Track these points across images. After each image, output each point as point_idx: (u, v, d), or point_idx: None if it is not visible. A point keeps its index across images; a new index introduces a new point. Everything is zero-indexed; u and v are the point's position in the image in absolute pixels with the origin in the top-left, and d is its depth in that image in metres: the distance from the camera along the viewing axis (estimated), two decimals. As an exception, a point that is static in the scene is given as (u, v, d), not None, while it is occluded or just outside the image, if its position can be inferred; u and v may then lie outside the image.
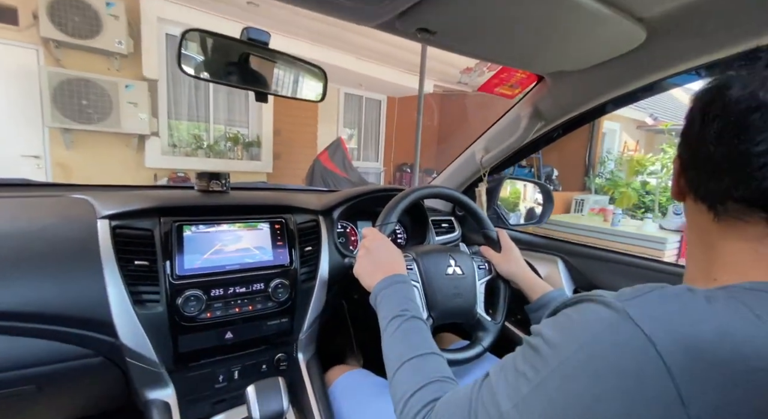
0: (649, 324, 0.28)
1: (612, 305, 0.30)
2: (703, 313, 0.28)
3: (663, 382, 0.26)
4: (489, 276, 0.88)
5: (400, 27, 0.62)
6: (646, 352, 0.27)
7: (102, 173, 3.87)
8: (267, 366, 0.84)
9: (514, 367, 0.34)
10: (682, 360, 0.26)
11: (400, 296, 0.62)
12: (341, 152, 5.12)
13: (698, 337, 0.26)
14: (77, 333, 0.64)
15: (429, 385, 0.47)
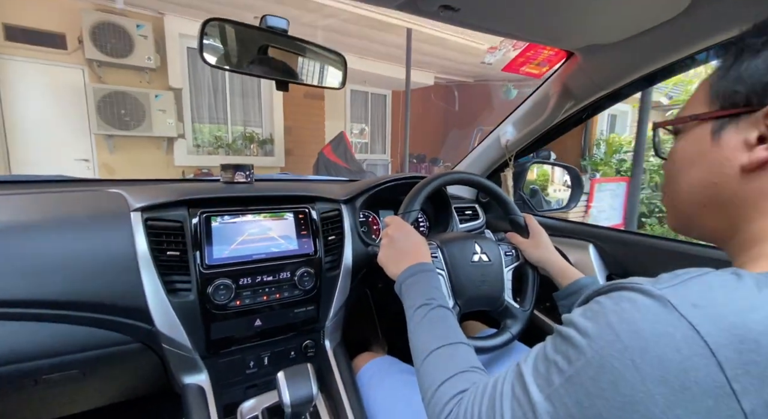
0: (693, 312, 0.26)
1: (650, 292, 0.28)
2: (753, 300, 0.26)
3: (713, 375, 0.24)
4: (517, 263, 0.86)
5: (422, 6, 0.59)
6: (691, 343, 0.25)
7: (139, 171, 4.49)
8: (295, 353, 0.86)
9: (545, 357, 0.33)
10: (734, 351, 0.24)
11: (426, 285, 0.61)
12: (344, 145, 5.48)
13: (749, 327, 0.25)
14: (116, 320, 0.67)
15: (458, 375, 0.46)
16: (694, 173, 0.40)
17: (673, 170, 0.43)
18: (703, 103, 0.39)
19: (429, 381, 0.48)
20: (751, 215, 0.36)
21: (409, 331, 0.57)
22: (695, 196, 0.40)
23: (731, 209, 0.37)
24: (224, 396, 0.77)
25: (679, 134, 0.43)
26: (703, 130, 0.39)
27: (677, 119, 0.42)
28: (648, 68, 0.76)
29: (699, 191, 0.40)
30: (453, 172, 0.88)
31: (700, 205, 0.40)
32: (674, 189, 0.43)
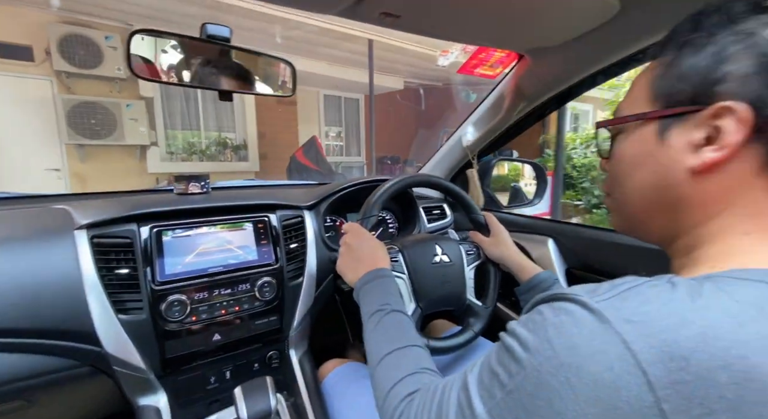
0: (627, 328, 0.25)
1: (588, 305, 0.28)
2: (686, 313, 0.25)
3: (643, 395, 0.24)
4: (479, 261, 0.87)
5: (363, 12, 0.59)
6: (623, 361, 0.25)
7: (112, 180, 4.58)
8: (259, 365, 0.84)
9: (489, 368, 0.33)
10: (664, 371, 0.24)
11: (381, 291, 0.61)
12: (315, 149, 5.69)
13: (680, 344, 0.24)
14: (61, 345, 0.64)
15: (408, 377, 0.46)
16: (640, 175, 0.39)
17: (618, 171, 0.41)
18: (645, 102, 0.38)
19: (381, 385, 0.48)
20: (698, 218, 0.35)
21: (365, 338, 0.57)
22: (642, 198, 0.39)
23: (678, 211, 0.37)
24: (186, 415, 0.75)
25: (621, 133, 0.41)
26: (648, 130, 0.37)
27: (620, 118, 0.40)
28: (591, 69, 0.78)
29: (646, 194, 0.39)
30: (411, 175, 0.89)
31: (646, 208, 0.39)
32: (620, 191, 0.42)
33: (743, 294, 0.26)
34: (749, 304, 0.25)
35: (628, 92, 0.41)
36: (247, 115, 5.81)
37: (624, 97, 0.42)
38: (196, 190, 0.87)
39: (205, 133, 5.53)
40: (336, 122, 7.38)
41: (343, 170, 7.10)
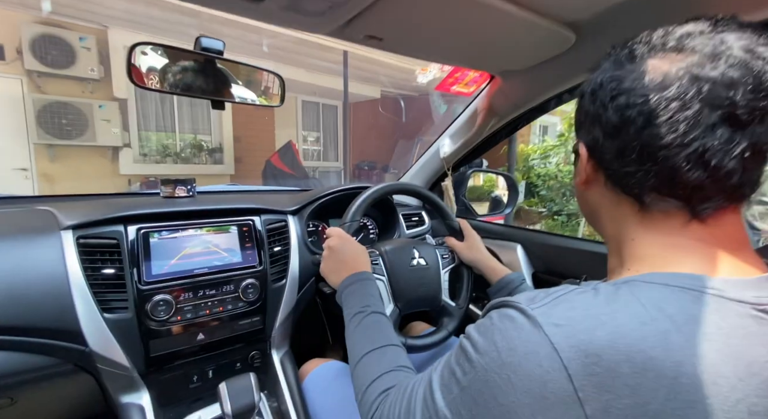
0: (554, 331, 0.30)
1: (526, 312, 0.32)
2: (601, 317, 0.30)
3: (564, 386, 0.28)
4: (453, 264, 0.93)
5: (349, 35, 0.65)
6: (550, 359, 0.29)
7: (82, 180, 4.52)
8: (241, 364, 0.87)
9: (449, 367, 0.37)
10: (581, 366, 0.28)
11: (362, 293, 0.65)
12: (291, 154, 5.79)
13: (594, 343, 0.29)
14: (47, 343, 0.65)
15: (384, 375, 0.51)
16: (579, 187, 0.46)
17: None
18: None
19: (360, 381, 0.52)
20: (602, 223, 0.43)
21: (346, 337, 0.61)
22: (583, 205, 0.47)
23: (593, 217, 0.45)
24: (166, 414, 0.77)
25: None
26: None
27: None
28: (554, 90, 0.87)
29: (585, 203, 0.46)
30: (392, 183, 0.94)
31: (584, 213, 0.47)
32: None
33: (648, 297, 0.31)
34: (652, 305, 0.30)
35: None
36: (224, 118, 5.81)
37: None
38: (182, 193, 0.89)
39: (180, 135, 5.50)
40: (314, 128, 7.46)
41: (320, 175, 7.22)
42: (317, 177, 7.10)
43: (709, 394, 0.27)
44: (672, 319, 0.29)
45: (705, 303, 0.30)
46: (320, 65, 5.78)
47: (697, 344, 0.28)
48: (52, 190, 4.36)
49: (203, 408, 0.79)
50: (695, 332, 0.28)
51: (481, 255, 0.90)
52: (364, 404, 0.49)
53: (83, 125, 4.40)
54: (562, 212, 4.40)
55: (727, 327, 0.29)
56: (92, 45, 4.37)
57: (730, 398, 0.27)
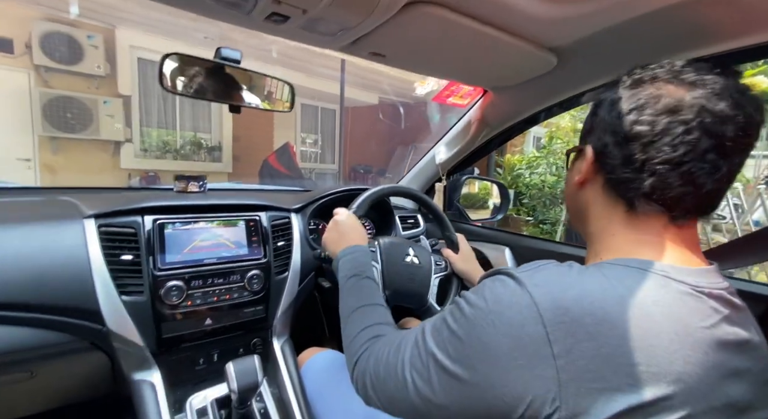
0: (535, 289, 0.37)
1: (513, 275, 0.40)
2: (573, 282, 0.37)
3: (539, 330, 0.35)
4: (445, 272, 0.99)
5: (356, 51, 0.73)
6: (530, 308, 0.36)
7: (82, 172, 4.65)
8: (244, 350, 0.93)
9: (442, 318, 0.44)
10: (553, 315, 0.35)
11: (359, 261, 0.71)
12: (288, 155, 5.96)
13: (565, 299, 0.36)
14: (68, 321, 0.71)
15: (374, 326, 0.57)
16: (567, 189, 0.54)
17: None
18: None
19: (350, 331, 0.58)
20: (588, 221, 0.49)
21: (340, 296, 0.66)
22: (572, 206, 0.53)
23: (580, 215, 0.51)
24: (177, 391, 0.83)
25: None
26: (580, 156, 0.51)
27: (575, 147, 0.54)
28: (541, 106, 0.95)
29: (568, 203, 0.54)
30: (402, 186, 1.01)
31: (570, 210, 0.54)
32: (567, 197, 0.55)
33: (611, 272, 0.39)
34: (613, 278, 0.38)
35: None
36: (224, 117, 5.92)
37: None
38: (194, 189, 0.96)
39: (181, 132, 5.61)
40: (312, 130, 7.58)
41: (316, 177, 7.33)
42: (313, 178, 7.22)
43: (653, 344, 0.34)
44: (628, 288, 0.36)
45: (655, 280, 0.37)
46: (319, 71, 5.95)
47: (647, 307, 0.35)
48: (53, 180, 4.46)
49: (208, 388, 0.85)
50: (645, 298, 0.36)
51: (474, 268, 0.97)
52: (352, 347, 0.55)
53: (87, 119, 4.54)
54: (546, 220, 4.57)
55: (670, 298, 0.37)
56: (99, 43, 4.54)
57: (669, 348, 0.34)
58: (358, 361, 0.53)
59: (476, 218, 1.51)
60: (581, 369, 0.33)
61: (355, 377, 0.53)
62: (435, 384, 0.41)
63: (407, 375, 0.44)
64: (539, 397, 0.34)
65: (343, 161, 7.18)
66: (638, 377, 0.33)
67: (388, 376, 0.46)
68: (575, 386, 0.33)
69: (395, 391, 0.45)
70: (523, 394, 0.35)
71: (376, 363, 0.49)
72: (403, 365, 0.45)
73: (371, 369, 0.49)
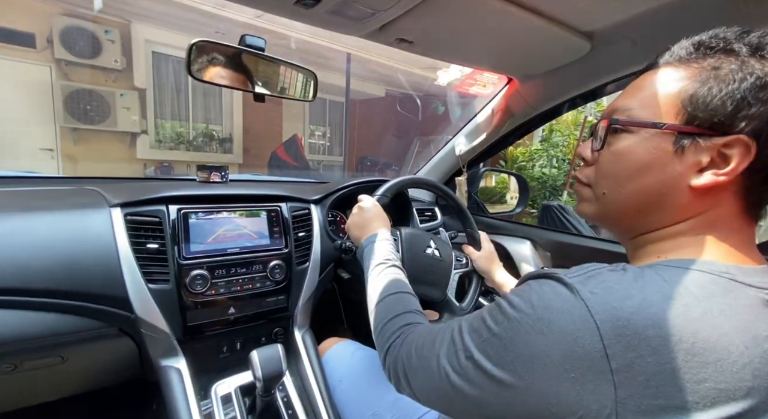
0: (590, 297, 0.34)
1: (563, 280, 0.36)
2: (632, 290, 0.34)
3: (595, 342, 0.32)
4: (466, 269, 0.98)
5: (382, 38, 0.71)
6: (585, 320, 0.33)
7: (102, 162, 4.89)
8: (266, 338, 0.93)
9: (481, 317, 0.41)
10: (611, 327, 0.32)
11: (384, 250, 0.70)
12: (296, 147, 6.13)
13: (624, 309, 0.32)
14: (97, 308, 0.72)
15: (405, 314, 0.56)
16: (646, 181, 0.41)
17: (616, 168, 0.43)
18: (668, 111, 0.39)
19: (380, 317, 0.57)
20: (671, 222, 0.41)
21: (367, 284, 0.65)
22: (638, 201, 0.42)
23: (658, 214, 0.41)
24: (202, 378, 0.84)
25: (629, 132, 0.42)
26: (665, 140, 0.39)
27: (647, 123, 0.40)
28: (568, 95, 0.92)
29: (641, 196, 0.41)
30: (428, 179, 0.99)
31: (634, 207, 0.42)
32: (612, 187, 0.44)
33: (671, 276, 0.35)
34: (675, 283, 0.34)
35: (641, 90, 0.42)
36: (234, 109, 6.05)
37: (630, 93, 0.43)
38: (216, 179, 0.96)
39: (193, 124, 5.80)
40: (321, 122, 7.66)
41: (324, 168, 7.42)
42: (322, 170, 7.31)
43: (721, 357, 0.30)
44: (693, 295, 0.33)
45: (720, 284, 0.34)
46: (327, 64, 5.99)
47: (714, 316, 0.32)
48: (74, 170, 4.69)
49: (232, 375, 0.86)
50: (711, 306, 0.32)
51: (496, 267, 0.95)
52: (383, 334, 0.54)
53: (105, 111, 4.72)
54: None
55: (737, 305, 0.33)
56: (116, 38, 4.68)
57: (738, 362, 0.30)
58: (389, 349, 0.52)
59: (494, 212, 1.48)
60: (642, 386, 0.31)
61: (387, 365, 0.52)
62: (473, 384, 0.39)
63: (443, 371, 0.42)
64: (592, 412, 0.32)
65: (349, 153, 7.28)
66: (705, 394, 0.30)
67: (422, 369, 0.45)
68: (634, 403, 0.31)
69: (429, 384, 0.44)
70: (574, 407, 0.32)
71: (409, 354, 0.48)
72: (438, 360, 0.43)
73: (404, 359, 0.49)
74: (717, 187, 0.38)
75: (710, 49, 0.39)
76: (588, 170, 0.47)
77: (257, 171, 6.19)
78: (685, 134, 0.38)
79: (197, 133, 5.81)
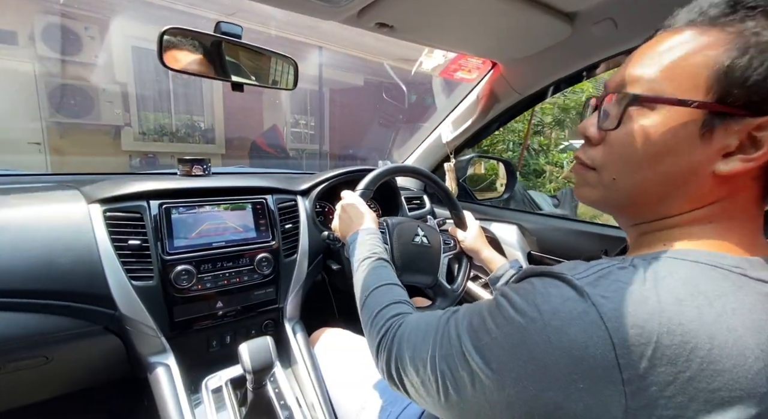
0: (602, 302, 0.31)
1: (572, 282, 0.33)
2: (646, 292, 0.30)
3: (607, 351, 0.29)
4: (454, 251, 0.99)
5: (361, 23, 0.69)
6: (596, 327, 0.30)
7: (88, 154, 4.99)
8: (256, 331, 0.93)
9: (480, 315, 0.37)
10: (624, 335, 0.29)
11: (370, 243, 0.68)
12: (275, 136, 6.34)
13: (638, 314, 0.29)
14: (81, 307, 0.71)
15: (395, 304, 0.54)
16: (665, 166, 0.36)
17: (632, 152, 0.37)
18: (697, 86, 0.33)
19: (369, 310, 0.56)
20: (686, 209, 0.37)
21: (354, 280, 0.64)
22: (651, 189, 0.37)
23: (673, 200, 0.37)
24: (191, 372, 0.84)
25: (648, 109, 0.36)
26: (691, 119, 0.34)
27: (670, 98, 0.34)
28: (552, 78, 0.92)
29: (658, 185, 0.37)
30: (407, 165, 0.99)
31: (649, 196, 0.38)
32: (626, 173, 0.38)
33: (682, 273, 0.32)
34: (687, 282, 0.31)
35: (661, 57, 0.36)
36: (215, 100, 6.17)
37: (647, 60, 0.37)
38: (198, 172, 0.94)
39: (177, 116, 5.94)
40: (301, 112, 7.73)
41: (308, 156, 7.52)
42: (305, 159, 7.44)
43: (737, 364, 0.28)
44: (705, 295, 0.30)
45: (731, 280, 0.31)
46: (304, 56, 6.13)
47: (728, 318, 0.29)
48: (62, 162, 4.79)
49: (222, 369, 0.86)
50: (725, 307, 0.30)
51: (483, 245, 0.95)
52: (373, 327, 0.52)
53: (89, 105, 4.88)
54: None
55: (749, 302, 0.30)
56: (96, 34, 4.83)
57: (753, 367, 0.28)
58: (381, 342, 0.50)
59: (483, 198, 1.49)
60: (654, 397, 0.28)
61: (380, 362, 0.49)
62: (468, 386, 0.36)
63: (438, 370, 0.39)
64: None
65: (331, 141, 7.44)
66: (719, 402, 0.28)
67: (415, 366, 0.42)
68: (646, 414, 0.29)
69: (424, 390, 0.41)
70: (581, 416, 0.30)
71: (400, 349, 0.45)
72: (433, 357, 0.40)
73: (396, 353, 0.46)
74: (740, 173, 0.34)
75: (751, 9, 0.32)
76: (593, 152, 0.41)
77: (240, 161, 6.34)
78: (716, 113, 0.33)
79: (180, 124, 5.91)
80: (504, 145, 5.28)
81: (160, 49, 0.62)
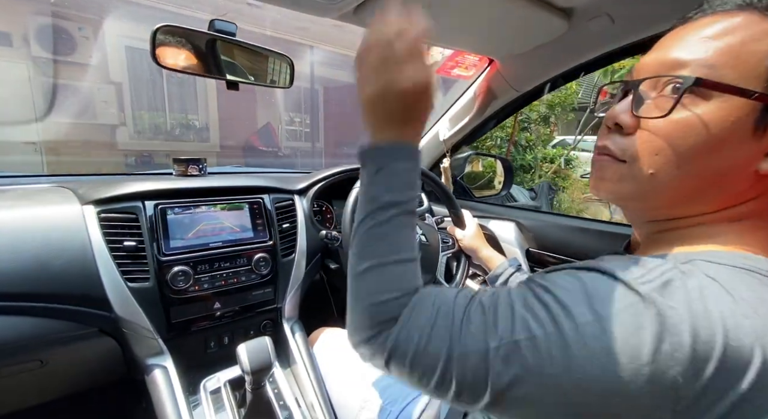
0: (670, 314, 0.27)
1: (631, 286, 0.29)
2: (706, 301, 0.28)
3: (668, 368, 0.26)
4: (453, 250, 0.99)
5: (357, 19, 0.69)
6: (659, 339, 0.27)
7: (83, 154, 5.01)
8: (254, 332, 0.93)
9: (510, 305, 0.32)
10: (689, 350, 0.26)
11: (410, 179, 0.42)
12: (269, 134, 6.42)
13: (699, 326, 0.27)
14: (74, 309, 0.70)
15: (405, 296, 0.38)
16: (712, 162, 0.32)
17: (678, 145, 0.33)
18: (759, 76, 0.30)
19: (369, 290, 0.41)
20: (718, 207, 0.34)
21: (362, 224, 0.42)
22: (691, 186, 0.34)
23: (708, 203, 0.34)
24: (189, 374, 0.83)
25: (704, 98, 0.32)
26: (747, 111, 0.30)
27: (731, 86, 0.31)
28: (548, 75, 0.92)
29: (700, 182, 0.33)
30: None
31: (687, 193, 0.34)
32: (667, 168, 0.34)
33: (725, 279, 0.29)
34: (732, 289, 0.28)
35: (714, 41, 0.32)
36: (209, 99, 6.20)
37: (697, 43, 0.33)
38: (194, 172, 0.93)
39: (171, 114, 5.99)
40: (296, 110, 7.77)
41: (302, 154, 7.57)
42: (299, 156, 7.49)
43: None
44: (747, 302, 0.28)
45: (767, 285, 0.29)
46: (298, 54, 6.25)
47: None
48: (57, 162, 4.78)
49: (220, 370, 0.85)
50: (766, 315, 0.28)
51: (481, 244, 0.95)
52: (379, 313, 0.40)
53: (84, 105, 4.93)
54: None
55: None
56: (90, 34, 4.88)
57: None
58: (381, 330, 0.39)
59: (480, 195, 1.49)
60: (701, 414, 0.27)
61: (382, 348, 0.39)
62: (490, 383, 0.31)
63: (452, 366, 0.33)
64: None
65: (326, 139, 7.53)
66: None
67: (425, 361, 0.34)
68: None
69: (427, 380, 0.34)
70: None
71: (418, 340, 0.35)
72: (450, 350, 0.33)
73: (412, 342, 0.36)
74: None
75: None
76: (625, 142, 0.36)
77: (235, 159, 6.40)
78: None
79: (175, 123, 5.96)
80: (492, 141, 5.40)
81: (153, 46, 0.62)
